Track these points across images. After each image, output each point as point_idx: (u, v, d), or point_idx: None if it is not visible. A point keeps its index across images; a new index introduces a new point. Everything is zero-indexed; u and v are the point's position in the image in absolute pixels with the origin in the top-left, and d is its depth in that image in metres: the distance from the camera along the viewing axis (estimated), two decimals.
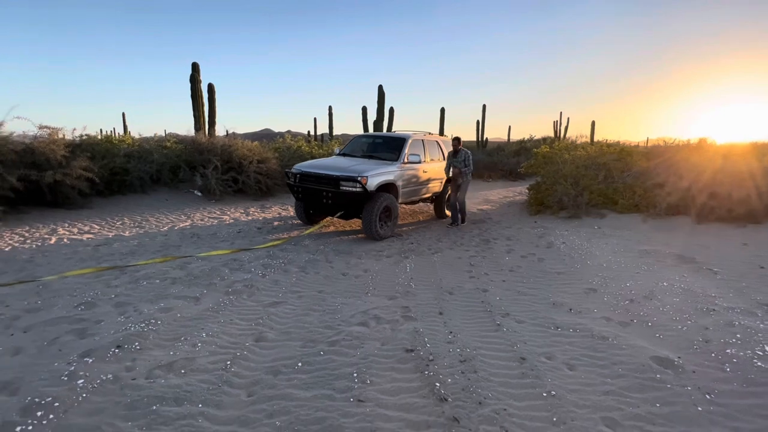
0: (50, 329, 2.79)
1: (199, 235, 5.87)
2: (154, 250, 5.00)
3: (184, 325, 2.92)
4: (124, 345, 2.57)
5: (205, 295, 3.49)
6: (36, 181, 6.59)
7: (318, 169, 5.90)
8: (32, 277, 3.84)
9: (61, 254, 4.70)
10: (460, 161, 6.63)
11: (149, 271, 4.05)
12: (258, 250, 4.99)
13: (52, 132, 7.44)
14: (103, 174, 7.69)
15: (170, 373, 2.31)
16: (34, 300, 3.28)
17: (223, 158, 9.25)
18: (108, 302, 3.27)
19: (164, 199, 8.33)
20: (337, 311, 3.27)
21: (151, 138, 11.48)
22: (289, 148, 12.22)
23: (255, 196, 9.30)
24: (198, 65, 12.00)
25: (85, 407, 1.99)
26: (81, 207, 7.19)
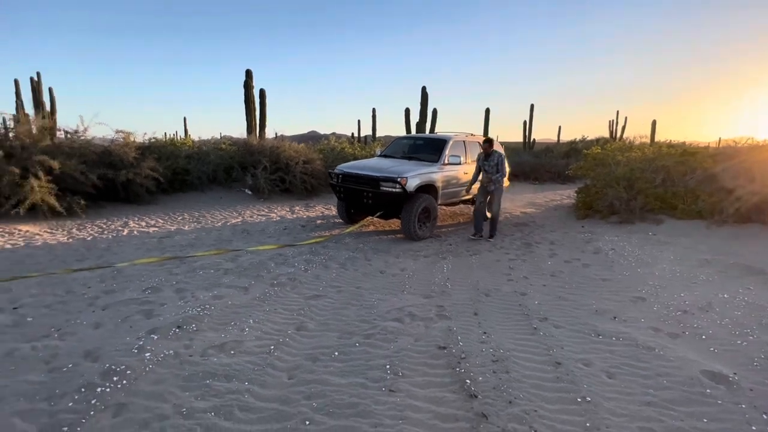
0: (123, 309, 3.18)
1: (248, 230, 6.28)
2: (210, 243, 5.44)
3: (234, 312, 3.19)
4: (183, 326, 2.87)
5: (252, 286, 3.77)
6: (112, 179, 7.42)
7: (359, 170, 6.08)
8: (109, 263, 4.35)
9: (131, 244, 5.27)
10: (491, 165, 5.87)
11: (205, 262, 4.43)
12: (301, 246, 5.26)
13: (125, 136, 8.34)
14: (167, 174, 8.45)
15: (221, 353, 2.55)
16: (110, 283, 3.74)
17: (272, 159, 9.77)
18: (170, 288, 3.65)
19: (219, 197, 8.98)
20: (373, 306, 3.39)
21: (209, 141, 12.41)
22: (333, 150, 12.63)
23: (300, 195, 9.73)
24: (251, 72, 12.76)
25: (151, 377, 2.27)
26: (148, 203, 7.97)
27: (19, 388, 2.13)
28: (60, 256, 4.63)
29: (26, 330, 2.79)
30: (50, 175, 6.43)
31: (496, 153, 5.90)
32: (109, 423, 1.90)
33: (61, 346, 2.57)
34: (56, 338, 2.68)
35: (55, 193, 6.38)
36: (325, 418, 1.97)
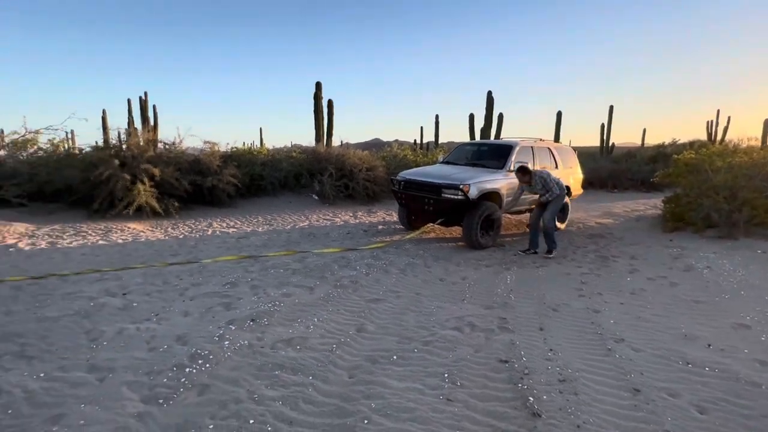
0: (207, 300, 3.56)
1: (314, 234, 6.64)
2: (280, 244, 5.86)
3: (300, 310, 3.40)
4: (257, 319, 3.13)
5: (318, 286, 3.98)
6: (200, 185, 8.34)
7: (421, 177, 6.12)
8: (196, 259, 4.90)
9: (214, 243, 5.88)
10: (538, 189, 5.40)
11: (276, 262, 4.78)
12: (363, 250, 5.42)
13: (211, 146, 9.33)
14: (245, 180, 9.27)
15: (289, 347, 2.74)
16: (197, 277, 4.20)
17: (337, 166, 10.23)
18: (246, 284, 4.00)
19: (289, 202, 9.61)
20: (432, 314, 3.38)
21: (281, 149, 13.36)
22: (395, 157, 12.83)
23: (363, 201, 10.03)
24: (320, 84, 13.50)
25: (229, 363, 2.51)
26: (228, 206, 8.81)
27: (127, 362, 2.50)
28: (158, 251, 5.33)
29: (132, 313, 3.26)
30: (153, 181, 7.43)
31: (535, 175, 5.37)
32: (194, 400, 2.14)
33: (158, 330, 2.96)
34: (155, 322, 3.09)
35: (156, 196, 7.36)
36: (382, 419, 2.02)
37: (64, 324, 3.01)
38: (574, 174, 7.79)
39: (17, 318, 3.10)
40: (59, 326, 2.98)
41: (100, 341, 2.77)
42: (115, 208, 7.02)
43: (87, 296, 3.56)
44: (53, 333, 2.87)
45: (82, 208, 7.23)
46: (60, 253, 5.10)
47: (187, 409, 2.07)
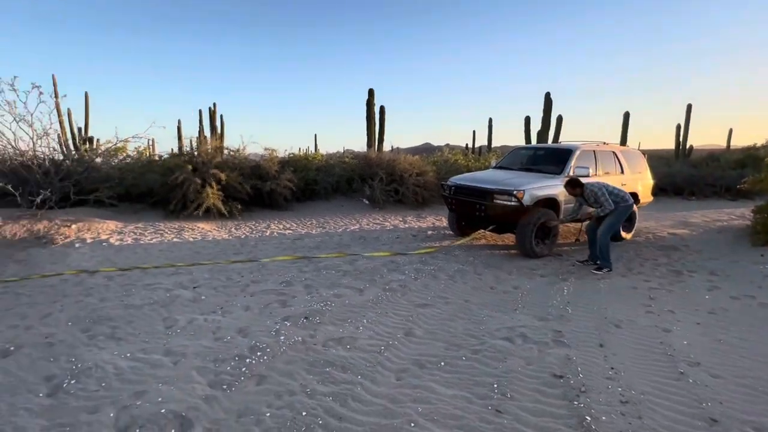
0: (265, 297, 3.80)
1: (365, 237, 6.79)
2: (332, 246, 6.07)
3: (350, 311, 3.51)
4: (310, 317, 3.29)
5: (367, 289, 4.07)
6: (260, 189, 8.91)
7: (472, 182, 6.01)
8: (256, 258, 5.25)
9: (272, 244, 6.25)
10: (592, 203, 4.96)
11: (328, 263, 4.97)
12: (412, 255, 5.45)
13: (270, 153, 9.94)
14: (300, 184, 9.74)
15: (339, 346, 2.84)
16: (256, 274, 4.50)
17: (388, 171, 10.37)
18: (300, 283, 4.21)
19: (341, 206, 9.92)
20: (482, 322, 3.31)
21: (335, 154, 13.84)
22: (446, 162, 12.71)
23: (412, 206, 10.06)
24: (373, 90, 13.81)
25: (284, 357, 2.67)
26: (285, 209, 9.31)
27: (196, 349, 2.76)
28: (223, 249, 5.78)
29: (201, 305, 3.58)
30: (219, 185, 8.08)
31: (587, 188, 4.90)
32: (253, 389, 2.31)
33: (223, 322, 3.23)
34: (220, 314, 3.37)
35: (222, 199, 7.99)
36: (429, 424, 2.03)
37: (145, 312, 3.39)
38: (642, 179, 7.19)
39: (109, 304, 3.55)
40: (142, 313, 3.36)
41: (174, 329, 3.08)
42: (187, 209, 7.73)
43: (164, 288, 3.97)
44: (137, 319, 3.25)
45: (161, 209, 8.06)
46: (142, 248, 5.73)
47: (247, 396, 2.24)
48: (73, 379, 2.35)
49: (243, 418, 2.06)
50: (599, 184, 4.92)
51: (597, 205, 4.91)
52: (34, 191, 6.90)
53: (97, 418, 2.02)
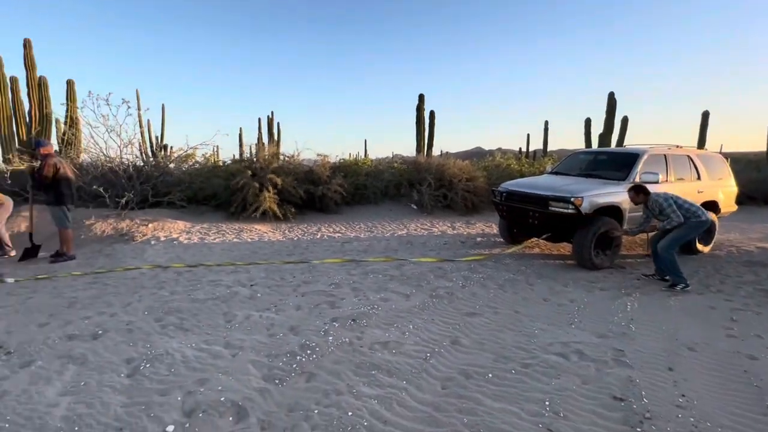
0: (315, 297, 3.95)
1: (412, 242, 6.79)
2: (380, 251, 6.15)
3: (397, 315, 3.53)
4: (357, 320, 3.36)
5: (414, 294, 4.07)
6: (312, 193, 9.28)
7: (525, 188, 5.78)
8: (307, 259, 5.47)
9: (322, 246, 6.47)
10: (655, 213, 4.55)
11: (375, 267, 5.04)
12: (460, 262, 5.35)
13: (323, 158, 10.31)
14: (350, 189, 9.99)
15: (385, 349, 2.88)
16: (307, 275, 4.70)
17: (436, 176, 10.30)
18: (348, 286, 4.31)
19: (389, 210, 10.02)
20: (533, 335, 3.17)
21: (384, 159, 14.03)
22: (497, 167, 12.35)
23: (461, 211, 9.89)
24: (423, 96, 13.83)
25: (332, 357, 2.75)
26: (335, 213, 9.59)
27: (252, 343, 2.94)
28: (277, 250, 6.10)
29: (257, 303, 3.81)
30: (275, 189, 8.55)
31: (651, 199, 4.49)
32: (303, 385, 2.41)
33: (276, 319, 3.41)
34: (273, 312, 3.56)
35: (277, 202, 8.44)
36: None
37: (208, 306, 3.68)
38: (724, 187, 6.45)
39: (177, 297, 3.90)
40: (205, 307, 3.65)
41: (233, 323, 3.31)
42: (246, 211, 8.27)
43: (225, 284, 4.28)
44: (201, 312, 3.53)
45: (223, 211, 8.70)
46: (207, 247, 6.23)
47: (297, 392, 2.35)
48: (148, 363, 2.62)
49: (293, 412, 2.16)
50: (666, 195, 4.48)
51: (663, 217, 4.48)
52: (120, 193, 7.80)
53: (167, 400, 2.23)
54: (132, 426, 2.02)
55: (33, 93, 10.87)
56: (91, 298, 3.85)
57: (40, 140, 5.93)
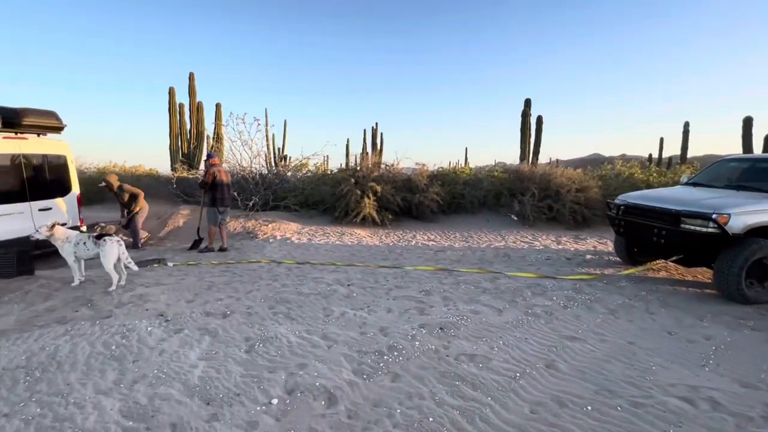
0: (405, 302, 4.07)
1: (509, 255, 6.45)
2: (473, 261, 6.00)
3: (486, 329, 3.42)
4: (445, 329, 3.36)
5: (507, 309, 3.88)
6: (409, 200, 9.52)
7: (651, 201, 5.00)
8: (400, 265, 5.65)
9: (415, 253, 6.60)
10: None
11: (468, 278, 4.95)
12: (564, 280, 4.89)
13: (421, 167, 10.51)
14: (447, 197, 9.96)
15: (471, 362, 2.82)
16: (400, 280, 4.85)
17: (541, 186, 9.58)
18: (438, 294, 4.33)
19: (486, 220, 9.68)
20: (649, 372, 2.73)
21: (484, 168, 13.61)
22: (617, 176, 10.91)
23: (568, 225, 9.00)
24: (530, 101, 13.04)
25: (417, 361, 2.82)
26: (430, 221, 9.66)
27: (345, 338, 3.18)
28: (374, 254, 6.44)
29: (352, 302, 4.09)
30: (375, 196, 9.03)
31: None
32: (388, 384, 2.53)
33: (368, 318, 3.62)
34: (366, 312, 3.79)
35: (376, 209, 8.90)
36: None
37: (311, 300, 4.10)
38: None
39: (287, 290, 4.44)
40: (309, 301, 4.07)
41: (330, 318, 3.63)
42: (348, 216, 8.92)
43: (326, 282, 4.71)
44: (305, 305, 3.96)
45: (329, 215, 9.54)
46: (313, 247, 6.91)
47: (382, 389, 2.47)
48: (261, 344, 3.06)
49: (377, 408, 2.28)
50: None
51: None
52: (248, 197, 9.18)
53: (274, 377, 2.57)
54: (246, 393, 2.40)
55: (193, 115, 13.56)
56: (223, 284, 4.64)
57: (211, 153, 7.18)
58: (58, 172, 6.40)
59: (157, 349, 2.98)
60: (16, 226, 5.74)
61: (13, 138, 5.88)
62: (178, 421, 2.13)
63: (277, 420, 2.17)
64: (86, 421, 2.12)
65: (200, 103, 13.92)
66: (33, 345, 3.02)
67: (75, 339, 3.11)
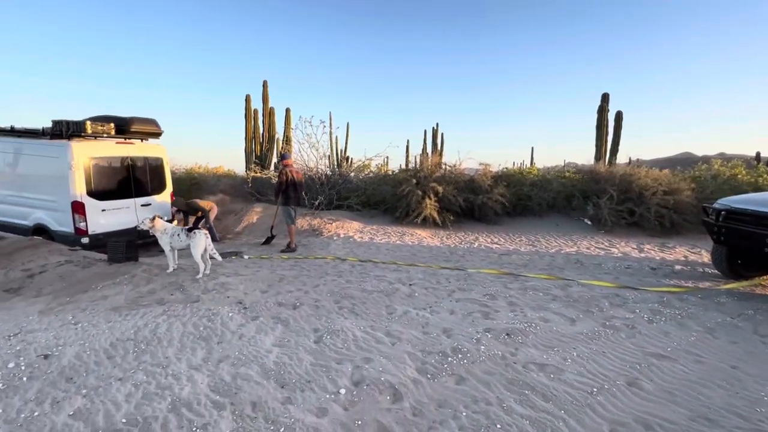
0: (469, 305, 3.98)
1: (582, 262, 5.99)
2: (541, 267, 5.67)
3: (557, 338, 3.21)
4: (512, 335, 3.23)
5: (580, 319, 3.62)
6: (471, 202, 9.29)
7: (760, 206, 4.32)
8: (462, 267, 5.54)
9: (478, 256, 6.41)
10: None
11: (535, 284, 4.69)
12: (648, 292, 4.43)
13: (485, 167, 10.19)
14: (512, 199, 9.54)
15: (541, 372, 2.67)
16: (462, 282, 4.76)
17: (621, 188, 8.77)
18: (503, 299, 4.17)
19: (555, 224, 9.09)
20: (760, 403, 2.37)
21: (552, 168, 12.79)
22: (715, 177, 9.59)
23: (653, 231, 8.10)
24: (608, 95, 12.01)
25: (482, 366, 2.74)
26: (494, 223, 9.33)
27: (408, 337, 3.21)
28: (434, 255, 6.39)
29: (414, 301, 4.11)
30: (436, 197, 8.96)
31: None
32: (452, 386, 2.50)
33: (431, 319, 3.60)
34: (428, 312, 3.78)
35: (437, 210, 8.82)
36: None
37: (374, 297, 4.19)
38: None
39: (351, 286, 4.59)
40: (372, 298, 4.17)
41: (393, 315, 3.68)
42: (409, 216, 8.95)
43: (388, 281, 4.78)
44: (368, 302, 4.06)
45: (389, 215, 9.66)
46: (375, 246, 7.06)
47: (446, 391, 2.45)
48: (328, 336, 3.20)
49: (442, 408, 2.27)
50: None
51: None
52: (314, 196, 9.65)
53: (341, 368, 2.68)
54: (316, 381, 2.53)
55: (266, 120, 14.59)
56: (293, 277, 4.94)
57: (285, 154, 7.61)
58: (156, 172, 7.30)
59: (237, 333, 3.26)
60: (124, 218, 6.66)
61: (123, 143, 6.83)
62: (257, 400, 2.32)
63: (345, 409, 2.26)
64: (182, 391, 2.40)
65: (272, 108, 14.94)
66: (139, 321, 3.49)
67: (171, 319, 3.53)
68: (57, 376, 2.59)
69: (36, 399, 2.34)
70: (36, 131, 6.55)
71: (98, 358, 2.84)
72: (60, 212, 6.24)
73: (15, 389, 2.44)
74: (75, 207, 6.07)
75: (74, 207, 6.07)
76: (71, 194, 6.03)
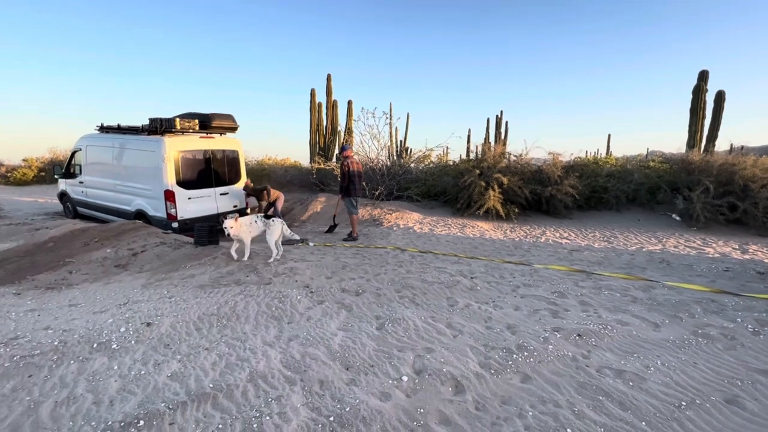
0: (535, 302, 3.79)
1: (669, 262, 5.38)
2: (618, 265, 5.20)
3: (638, 344, 2.94)
4: (584, 336, 3.02)
5: (666, 325, 3.26)
6: (538, 194, 8.77)
7: None
8: (528, 262, 5.28)
9: (546, 251, 6.06)
10: None
11: (611, 283, 4.32)
12: (754, 299, 3.85)
13: (554, 157, 9.53)
14: (585, 191, 8.83)
15: (618, 378, 2.47)
16: (528, 278, 4.54)
17: (719, 180, 7.67)
18: (574, 297, 3.90)
19: (636, 219, 8.25)
20: None
21: (634, 158, 11.57)
22: None
23: (760, 230, 6.99)
24: (706, 73, 10.50)
25: (550, 366, 2.61)
26: (564, 217, 8.73)
27: (470, 330, 3.15)
28: (497, 249, 6.16)
29: (476, 295, 4.02)
30: (500, 188, 8.60)
31: None
32: (518, 384, 2.41)
33: (494, 314, 3.50)
34: (491, 306, 3.67)
35: (501, 201, 8.47)
36: None
37: (435, 289, 4.18)
38: None
39: (412, 276, 4.61)
40: (432, 289, 4.16)
41: (454, 308, 3.64)
42: (471, 208, 8.72)
43: (448, 273, 4.72)
44: (429, 293, 4.06)
45: (450, 207, 9.50)
46: (435, 237, 7.00)
47: (511, 388, 2.37)
48: (390, 323, 3.26)
49: (506, 405, 2.21)
50: None
51: None
52: (375, 187, 9.80)
53: (402, 356, 2.72)
54: (379, 366, 2.60)
55: (329, 112, 15.06)
56: (355, 265, 5.10)
57: (345, 145, 7.80)
58: (233, 164, 7.95)
59: (305, 315, 3.47)
60: (206, 205, 7.37)
61: (205, 137, 7.52)
62: (325, 379, 2.45)
63: (408, 396, 2.30)
64: (258, 365, 2.62)
65: (335, 101, 15.39)
66: (220, 299, 3.86)
67: (247, 298, 3.86)
68: (157, 342, 2.98)
69: (142, 360, 2.72)
70: (136, 128, 7.48)
71: (188, 329, 3.20)
72: (155, 199, 7.09)
73: (126, 350, 2.86)
74: (167, 195, 6.85)
75: (166, 195, 6.85)
76: (164, 183, 6.80)
